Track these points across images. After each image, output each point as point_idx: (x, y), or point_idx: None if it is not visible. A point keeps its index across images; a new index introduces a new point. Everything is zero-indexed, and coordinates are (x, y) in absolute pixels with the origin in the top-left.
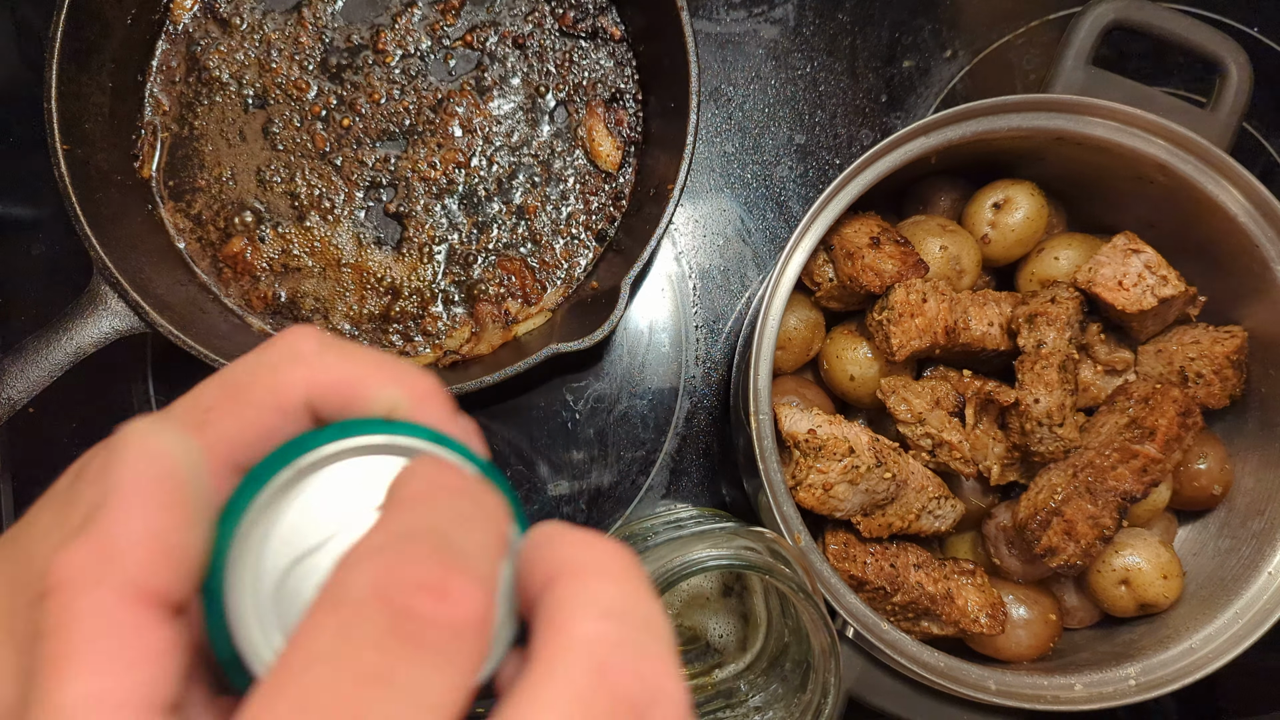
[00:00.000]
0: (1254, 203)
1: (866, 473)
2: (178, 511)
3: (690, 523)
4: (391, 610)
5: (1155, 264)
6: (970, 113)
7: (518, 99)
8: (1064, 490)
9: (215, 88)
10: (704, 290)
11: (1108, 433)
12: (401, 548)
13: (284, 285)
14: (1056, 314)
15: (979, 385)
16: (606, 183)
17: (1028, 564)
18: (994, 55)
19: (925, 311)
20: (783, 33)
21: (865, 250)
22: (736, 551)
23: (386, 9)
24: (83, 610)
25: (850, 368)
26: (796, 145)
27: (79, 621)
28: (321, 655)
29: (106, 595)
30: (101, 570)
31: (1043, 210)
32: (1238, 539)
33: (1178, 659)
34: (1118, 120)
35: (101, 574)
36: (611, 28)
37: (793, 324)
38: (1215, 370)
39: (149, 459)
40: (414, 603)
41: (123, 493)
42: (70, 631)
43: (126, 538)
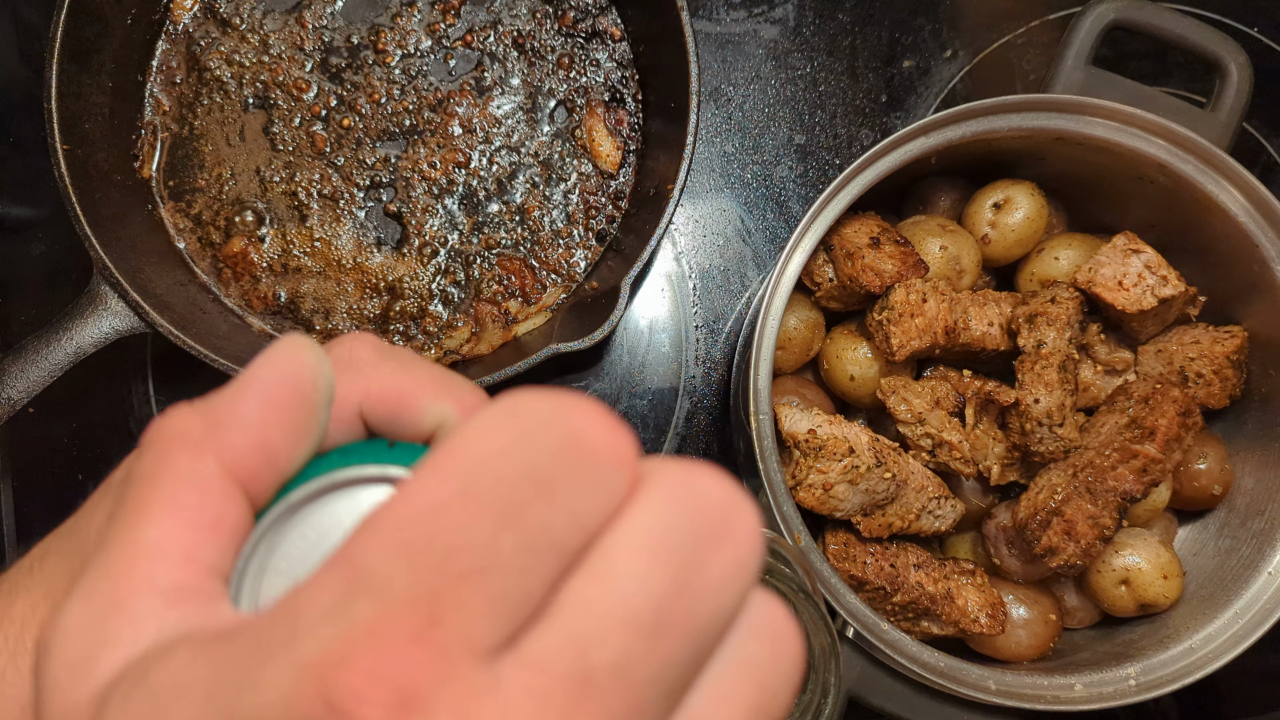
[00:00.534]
0: (1254, 203)
1: (866, 473)
2: (294, 419)
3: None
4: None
5: (1155, 264)
6: (970, 113)
7: (518, 99)
8: (1064, 490)
9: (215, 88)
10: (704, 290)
11: (1108, 433)
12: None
13: (284, 285)
14: (1056, 314)
15: (979, 385)
16: (606, 183)
17: (1028, 564)
18: (994, 55)
19: (925, 311)
20: (783, 33)
21: (865, 250)
22: None
23: (386, 9)
24: (178, 464)
25: (850, 368)
26: (796, 145)
27: (172, 473)
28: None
29: (205, 457)
30: (207, 434)
31: (1043, 210)
32: (1238, 539)
33: (1178, 659)
34: (1118, 120)
35: (206, 438)
36: (611, 28)
37: (793, 324)
38: (1215, 370)
39: (290, 364)
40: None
41: (252, 382)
42: (161, 480)
43: (242, 417)
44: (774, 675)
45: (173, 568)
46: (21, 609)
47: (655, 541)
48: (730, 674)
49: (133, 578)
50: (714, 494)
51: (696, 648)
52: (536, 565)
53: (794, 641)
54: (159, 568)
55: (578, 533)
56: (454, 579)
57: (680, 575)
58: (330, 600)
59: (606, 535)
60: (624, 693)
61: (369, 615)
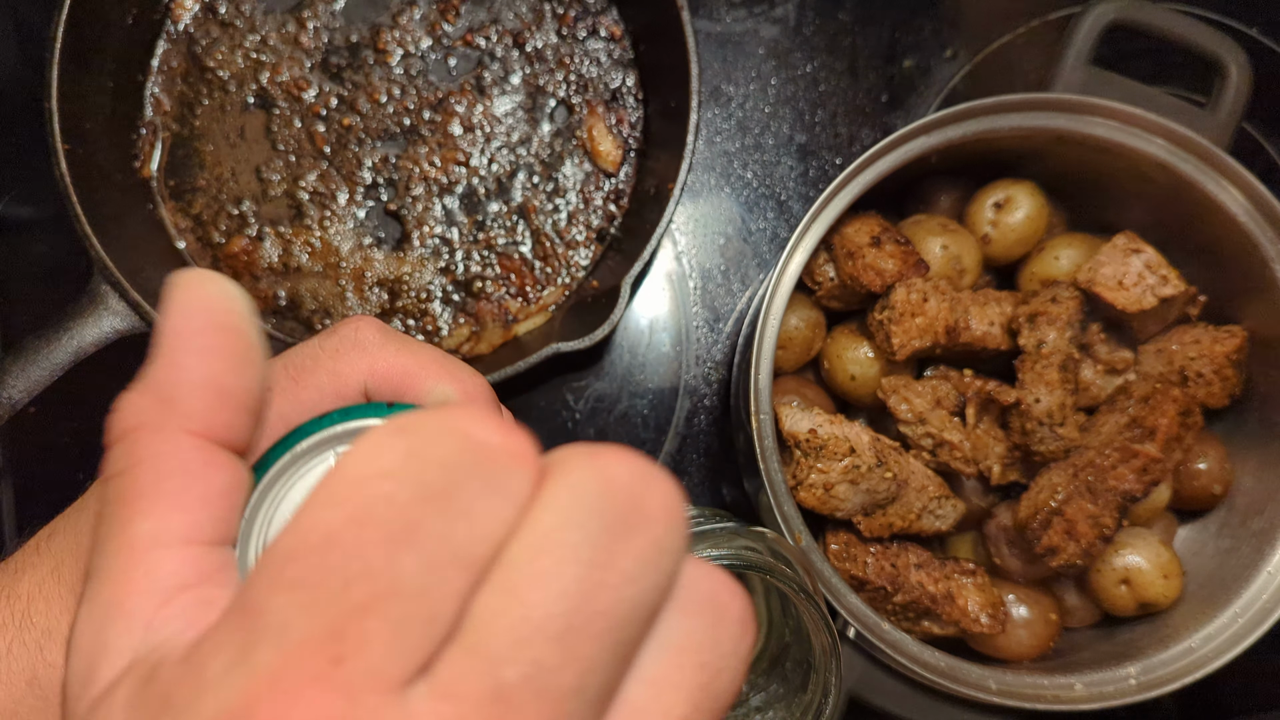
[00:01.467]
0: (1254, 203)
1: (867, 472)
2: (231, 355)
3: (690, 522)
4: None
5: (1155, 264)
6: (971, 112)
7: (518, 98)
8: (1065, 490)
9: (216, 87)
10: (705, 290)
11: (1108, 432)
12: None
13: (284, 285)
14: (1057, 314)
15: (980, 385)
16: (607, 182)
17: (1028, 564)
18: (994, 55)
19: (926, 311)
20: (783, 32)
21: (866, 249)
22: (737, 551)
23: (387, 8)
24: (149, 451)
25: (851, 367)
26: (797, 144)
27: (146, 462)
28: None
29: (170, 436)
30: (163, 413)
31: (1044, 210)
32: (1238, 538)
33: (1178, 658)
34: (1118, 120)
35: (164, 417)
36: (612, 27)
37: (793, 323)
38: (1215, 370)
39: (202, 303)
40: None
41: (175, 339)
42: (138, 472)
43: (184, 382)
44: (717, 649)
45: (172, 556)
46: (28, 585)
47: (559, 540)
48: (667, 659)
49: (132, 577)
50: (621, 476)
51: (620, 643)
52: (442, 583)
53: (735, 607)
54: (159, 560)
55: (483, 542)
56: (353, 611)
57: (590, 572)
58: (231, 651)
59: (511, 540)
60: (543, 706)
61: (269, 663)
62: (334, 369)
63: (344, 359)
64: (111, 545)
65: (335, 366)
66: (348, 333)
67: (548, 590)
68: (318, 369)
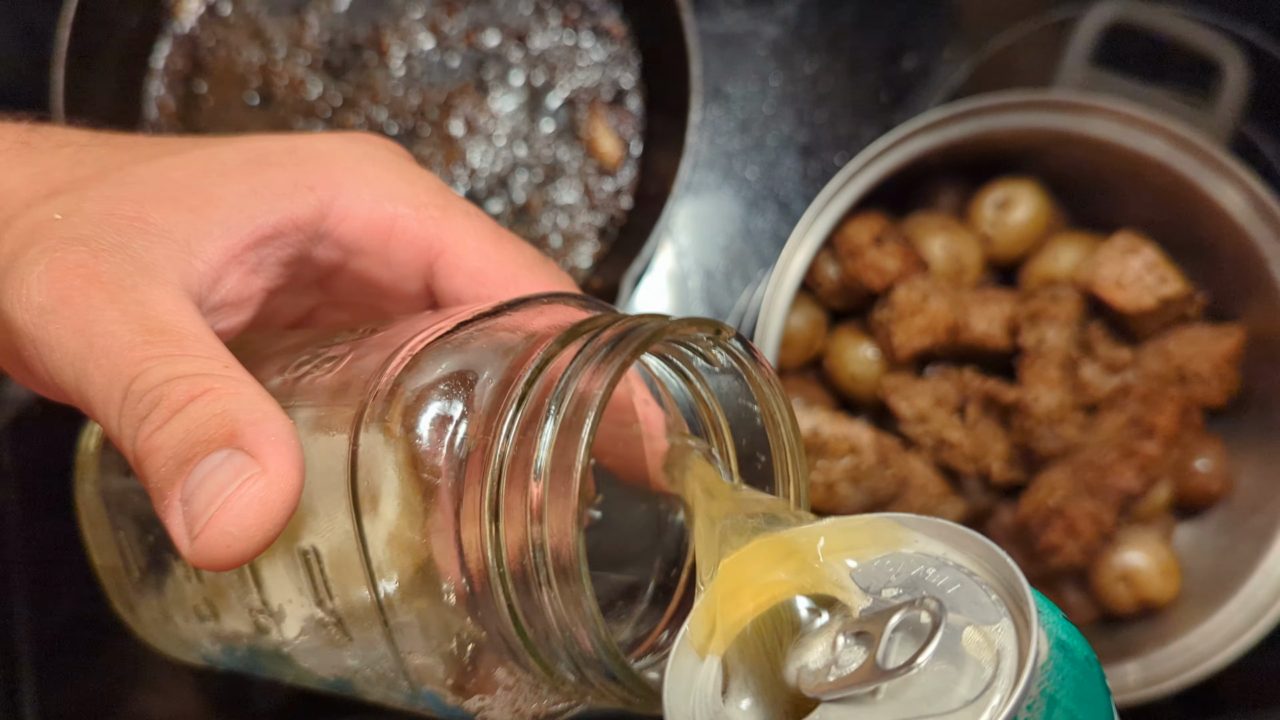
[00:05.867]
0: (1253, 203)
1: (869, 472)
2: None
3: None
4: None
5: (1155, 263)
6: (971, 112)
7: (519, 97)
8: (1065, 488)
9: (219, 87)
10: (706, 289)
11: (1108, 431)
12: None
13: None
14: (1057, 313)
15: (980, 383)
16: (608, 181)
17: (1028, 562)
18: (994, 55)
19: (927, 310)
20: (784, 32)
21: (867, 249)
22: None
23: (389, 8)
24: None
25: (852, 366)
26: (798, 144)
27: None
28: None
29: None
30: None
31: (1045, 208)
32: (1237, 536)
33: (1177, 655)
34: (1118, 120)
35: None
36: (613, 26)
37: (795, 322)
38: (1214, 369)
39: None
40: None
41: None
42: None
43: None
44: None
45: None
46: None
47: None
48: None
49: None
50: None
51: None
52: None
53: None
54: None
55: None
56: None
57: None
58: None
59: None
60: None
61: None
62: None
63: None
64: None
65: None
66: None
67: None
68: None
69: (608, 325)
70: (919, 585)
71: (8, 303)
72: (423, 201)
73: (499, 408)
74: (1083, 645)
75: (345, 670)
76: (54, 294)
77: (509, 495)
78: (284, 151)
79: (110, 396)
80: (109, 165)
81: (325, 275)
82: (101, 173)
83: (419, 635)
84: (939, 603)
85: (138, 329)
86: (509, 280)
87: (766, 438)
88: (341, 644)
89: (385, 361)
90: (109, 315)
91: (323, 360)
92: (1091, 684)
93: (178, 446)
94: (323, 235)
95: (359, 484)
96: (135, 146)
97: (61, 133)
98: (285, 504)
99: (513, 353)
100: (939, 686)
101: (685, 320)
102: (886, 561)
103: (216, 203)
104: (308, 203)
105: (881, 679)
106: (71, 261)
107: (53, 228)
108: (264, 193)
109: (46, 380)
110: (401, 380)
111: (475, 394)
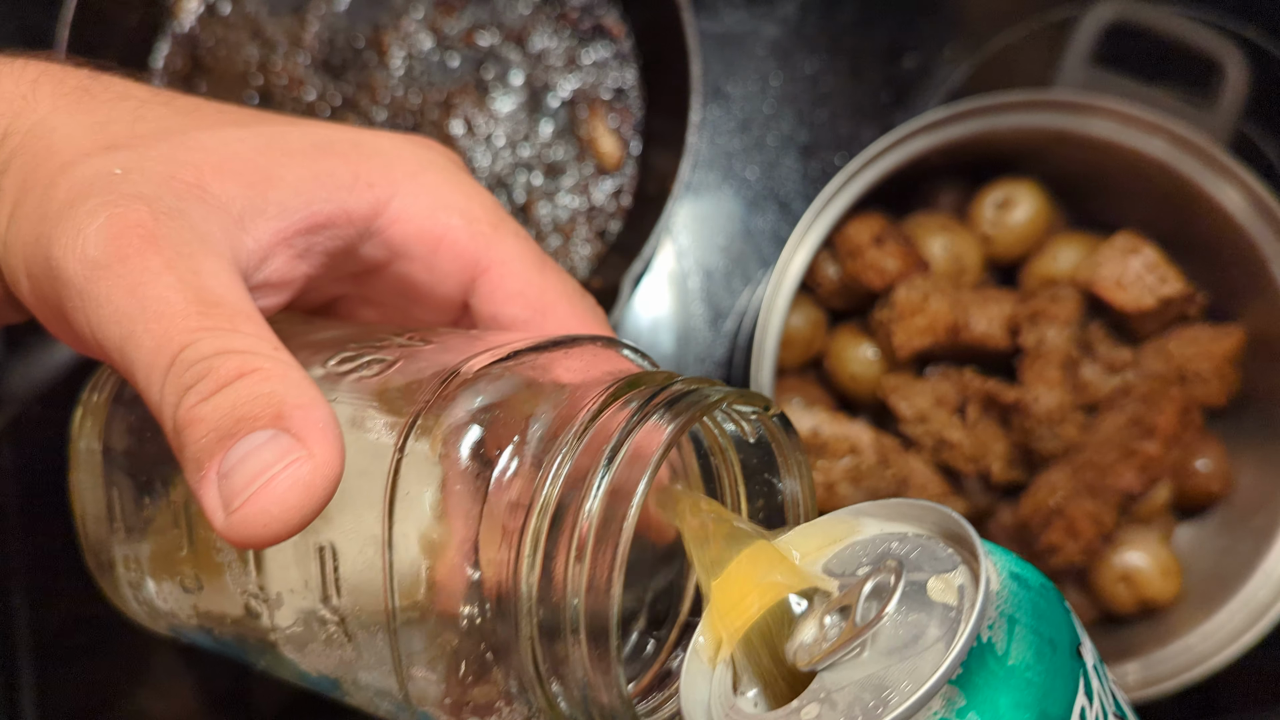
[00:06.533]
0: (1254, 203)
1: (869, 472)
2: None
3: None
4: None
5: (1155, 263)
6: (972, 111)
7: (519, 97)
8: (1065, 488)
9: (218, 87)
10: (706, 288)
11: (1108, 431)
12: None
13: None
14: (1058, 312)
15: (981, 383)
16: (608, 180)
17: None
18: (994, 55)
19: (928, 310)
20: (785, 31)
21: (868, 248)
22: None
23: (389, 8)
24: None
25: (852, 366)
26: (798, 144)
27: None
28: None
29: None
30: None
31: (1045, 208)
32: (1237, 536)
33: (1177, 656)
34: (1118, 120)
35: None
36: (613, 26)
37: (795, 322)
38: (1214, 369)
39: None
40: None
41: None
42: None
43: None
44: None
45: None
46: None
47: None
48: None
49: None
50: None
51: None
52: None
53: None
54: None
55: None
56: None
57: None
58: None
59: None
60: None
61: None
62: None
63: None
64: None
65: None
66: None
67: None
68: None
69: (665, 385)
70: (885, 558)
71: (60, 250)
72: (477, 216)
73: (552, 446)
74: (1036, 575)
75: (334, 669)
76: (111, 250)
77: (554, 537)
78: (348, 144)
79: (156, 362)
80: (171, 127)
81: (365, 271)
82: (163, 133)
83: (425, 650)
84: (898, 560)
85: (192, 298)
86: (548, 307)
87: (783, 511)
88: (338, 644)
89: (442, 376)
90: (165, 280)
91: (370, 361)
92: (1049, 605)
93: (221, 420)
94: (373, 233)
95: (398, 491)
96: (197, 111)
97: (122, 84)
98: (326, 491)
99: (567, 392)
100: (914, 633)
101: (741, 392)
102: (855, 547)
103: (276, 182)
104: (365, 199)
105: (861, 634)
106: (132, 219)
107: (113, 182)
108: (325, 181)
109: (86, 334)
110: (457, 398)
111: (529, 427)
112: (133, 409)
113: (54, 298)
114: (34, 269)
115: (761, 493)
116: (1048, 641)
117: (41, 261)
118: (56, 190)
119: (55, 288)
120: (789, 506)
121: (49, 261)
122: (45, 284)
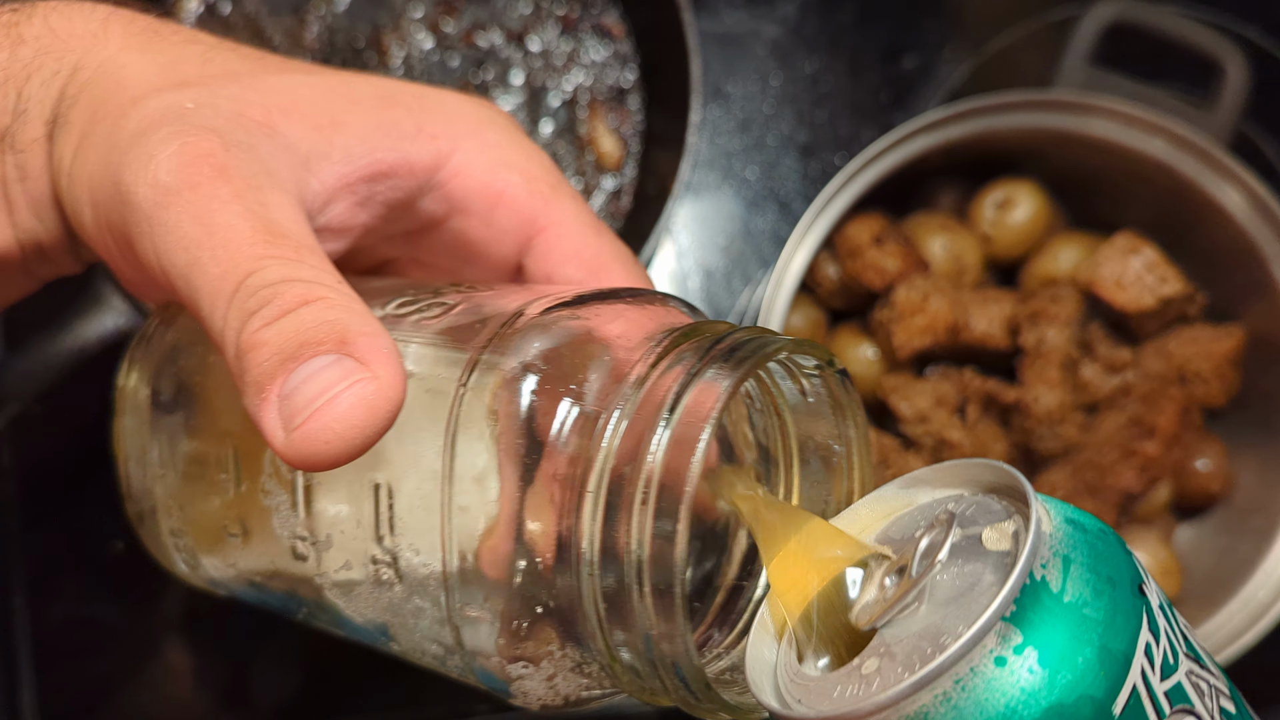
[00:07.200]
0: (1253, 203)
1: None
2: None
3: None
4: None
5: (1155, 263)
6: (972, 111)
7: (519, 97)
8: (1065, 488)
9: None
10: (706, 289)
11: (1108, 431)
12: None
13: None
14: (1058, 312)
15: (981, 383)
16: (608, 180)
17: None
18: (994, 55)
19: (928, 310)
20: (785, 31)
21: (868, 248)
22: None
23: (388, 8)
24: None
25: (852, 366)
26: (798, 144)
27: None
28: None
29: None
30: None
31: (1045, 208)
32: (1236, 537)
33: None
34: (1118, 120)
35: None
36: (613, 26)
37: (795, 322)
38: (1215, 369)
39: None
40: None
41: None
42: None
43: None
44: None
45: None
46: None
47: None
48: None
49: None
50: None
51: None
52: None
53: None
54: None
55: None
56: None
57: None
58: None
59: None
60: None
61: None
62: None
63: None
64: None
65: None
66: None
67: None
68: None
69: (726, 334)
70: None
71: (131, 175)
72: (536, 175)
73: (613, 393)
74: (1094, 521)
75: (381, 614)
76: (182, 177)
77: (616, 485)
78: (412, 96)
79: (221, 288)
80: (239, 70)
81: (422, 228)
82: (232, 75)
83: (480, 592)
84: (949, 512)
85: (259, 228)
86: (602, 269)
87: (829, 473)
88: (389, 584)
89: (504, 317)
90: (233, 209)
91: (430, 305)
92: (1107, 546)
93: (285, 344)
94: (434, 186)
95: (459, 429)
96: (264, 59)
97: (189, 30)
98: (389, 413)
99: (627, 339)
100: (971, 581)
101: (802, 342)
102: (911, 514)
103: (342, 127)
104: (428, 150)
105: (917, 584)
106: (204, 149)
107: (185, 114)
108: (389, 129)
109: (151, 261)
110: (522, 338)
111: (591, 372)
112: (183, 354)
113: (120, 226)
114: (100, 196)
115: (816, 456)
116: (1106, 579)
117: (110, 188)
118: (127, 121)
119: (123, 214)
120: (845, 472)
121: (118, 187)
122: (113, 211)
